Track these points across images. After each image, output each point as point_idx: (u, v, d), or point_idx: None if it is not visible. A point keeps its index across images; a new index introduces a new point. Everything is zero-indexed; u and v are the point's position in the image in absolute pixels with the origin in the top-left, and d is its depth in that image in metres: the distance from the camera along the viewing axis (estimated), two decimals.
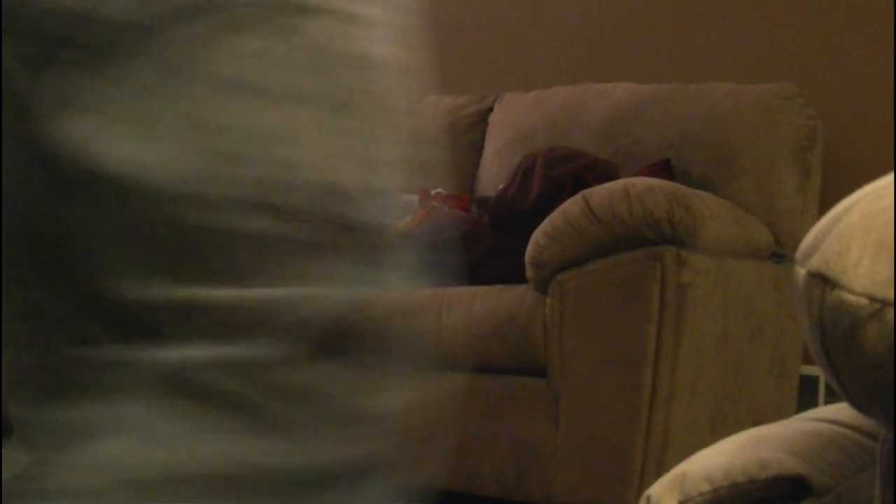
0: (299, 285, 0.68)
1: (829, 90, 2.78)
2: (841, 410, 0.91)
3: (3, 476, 0.73)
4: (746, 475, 0.85)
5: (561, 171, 2.51)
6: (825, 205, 2.59)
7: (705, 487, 0.86)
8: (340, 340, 0.70)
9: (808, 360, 2.63)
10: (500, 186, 2.67)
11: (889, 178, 0.68)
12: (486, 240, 2.51)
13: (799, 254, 0.70)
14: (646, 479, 2.10)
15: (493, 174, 2.94)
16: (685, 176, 2.56)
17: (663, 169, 2.55)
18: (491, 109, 3.07)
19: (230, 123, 0.65)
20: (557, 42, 3.19)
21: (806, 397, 2.63)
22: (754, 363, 2.40)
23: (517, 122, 2.95)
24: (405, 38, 0.75)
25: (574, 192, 2.28)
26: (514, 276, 2.30)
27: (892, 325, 0.61)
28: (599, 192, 2.13)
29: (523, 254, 2.22)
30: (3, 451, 0.81)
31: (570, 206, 2.15)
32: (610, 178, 2.40)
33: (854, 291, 0.63)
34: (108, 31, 0.64)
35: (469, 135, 3.03)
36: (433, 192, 2.69)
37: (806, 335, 0.68)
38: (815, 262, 0.66)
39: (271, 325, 0.67)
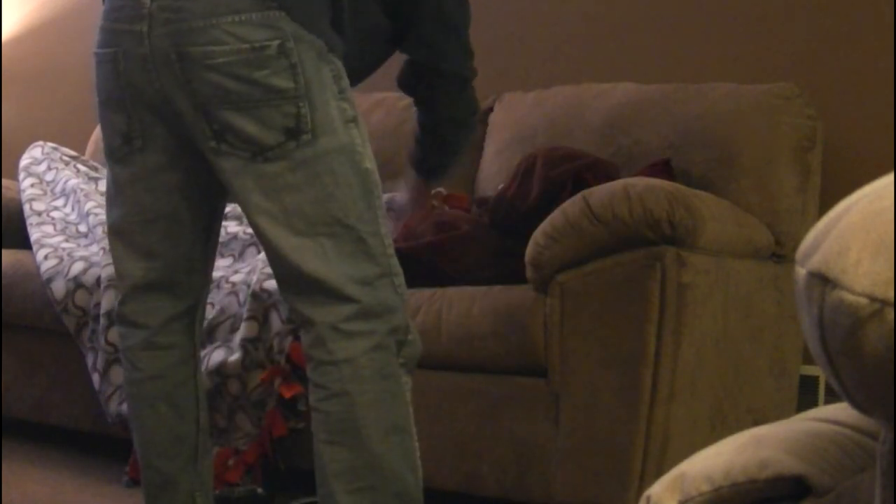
0: None
1: (829, 90, 2.78)
2: (841, 410, 0.91)
3: None
4: (746, 475, 0.85)
5: (561, 172, 2.51)
6: (825, 205, 2.59)
7: (705, 487, 0.86)
8: None
9: (808, 360, 2.63)
10: (501, 186, 2.66)
11: (889, 178, 0.68)
12: (487, 240, 2.51)
13: (799, 254, 0.70)
14: (646, 479, 2.09)
15: (493, 174, 2.94)
16: (685, 176, 2.55)
17: (663, 169, 2.55)
18: (491, 110, 3.07)
19: None
20: (557, 42, 3.19)
21: (806, 397, 2.63)
22: (754, 363, 2.39)
23: (517, 123, 2.95)
24: None
25: (574, 192, 2.28)
26: (514, 276, 2.30)
27: (892, 325, 0.61)
28: (599, 192, 2.12)
29: (523, 254, 2.22)
30: None
31: (570, 206, 2.15)
32: (610, 178, 2.39)
33: (854, 291, 0.63)
34: None
35: None
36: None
37: (806, 335, 0.68)
38: (815, 262, 0.66)
39: None
